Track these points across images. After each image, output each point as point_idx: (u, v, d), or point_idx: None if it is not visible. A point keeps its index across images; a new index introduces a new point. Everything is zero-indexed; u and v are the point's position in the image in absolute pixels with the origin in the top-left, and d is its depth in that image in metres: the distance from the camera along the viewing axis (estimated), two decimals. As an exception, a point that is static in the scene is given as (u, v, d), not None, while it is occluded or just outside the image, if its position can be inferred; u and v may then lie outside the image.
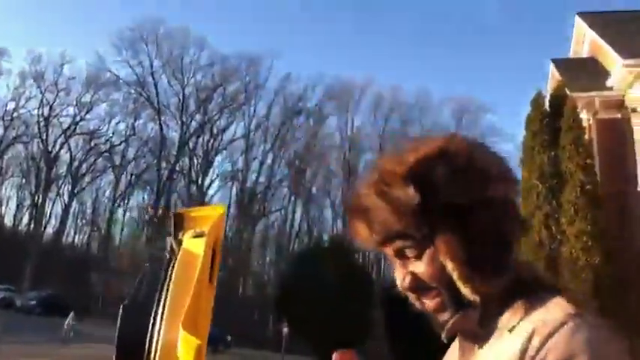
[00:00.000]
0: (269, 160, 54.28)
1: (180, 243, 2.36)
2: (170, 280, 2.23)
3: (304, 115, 55.18)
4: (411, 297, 1.00)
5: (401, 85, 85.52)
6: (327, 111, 55.90)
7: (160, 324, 2.10)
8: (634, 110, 11.94)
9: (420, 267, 0.97)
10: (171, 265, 2.29)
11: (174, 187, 53.00)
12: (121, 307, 2.19)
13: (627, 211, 11.83)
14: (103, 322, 23.36)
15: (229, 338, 28.67)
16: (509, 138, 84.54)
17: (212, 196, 55.05)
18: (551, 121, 12.27)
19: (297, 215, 54.83)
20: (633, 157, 11.89)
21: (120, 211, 54.28)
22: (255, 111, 54.69)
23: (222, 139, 54.54)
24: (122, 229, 54.50)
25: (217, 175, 55.36)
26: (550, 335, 0.87)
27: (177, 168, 52.92)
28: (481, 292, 0.94)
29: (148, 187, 54.03)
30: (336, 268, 31.71)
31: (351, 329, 31.61)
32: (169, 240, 2.41)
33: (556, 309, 0.91)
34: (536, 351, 0.87)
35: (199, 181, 53.25)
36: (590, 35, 14.97)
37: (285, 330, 17.33)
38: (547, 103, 12.53)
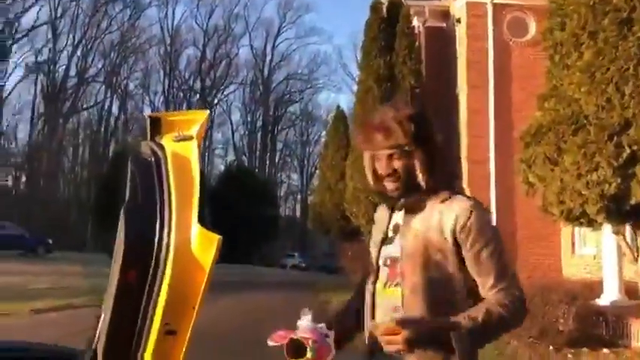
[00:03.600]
0: (79, 52, 49.70)
1: (161, 146, 2.37)
2: (167, 181, 2.26)
3: (120, 3, 50.73)
4: (384, 179, 1.79)
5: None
6: (145, 1, 52.05)
7: (170, 225, 2.14)
8: (458, 20, 13.13)
9: (401, 163, 1.76)
10: (162, 167, 2.30)
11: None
12: (123, 209, 2.18)
13: (449, 110, 13.30)
14: None
15: (50, 241, 27.20)
16: (326, 39, 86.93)
17: (12, 89, 49.38)
18: (387, 27, 13.05)
19: (114, 112, 51.90)
20: (455, 63, 13.24)
21: None
22: (60, -5, 48.76)
23: (19, 25, 48.20)
24: None
25: (16, 66, 49.29)
26: (470, 214, 1.71)
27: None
28: (428, 184, 1.76)
29: None
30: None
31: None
32: (147, 143, 2.39)
33: (467, 200, 1.76)
34: (462, 225, 1.70)
35: (-6, 72, 47.12)
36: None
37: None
38: (385, 10, 13.22)
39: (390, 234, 1.87)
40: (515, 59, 12.37)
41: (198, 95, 53.87)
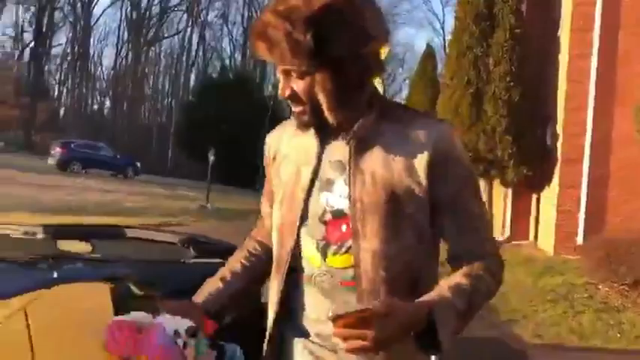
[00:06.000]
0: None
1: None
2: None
3: None
4: (289, 101, 1.24)
5: None
6: None
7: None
8: (565, -42, 12.45)
9: (300, 85, 1.20)
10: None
11: (57, 3, 48.15)
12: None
13: (549, 53, 12.86)
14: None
15: (138, 164, 28.64)
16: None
17: (99, 16, 50.95)
18: (489, -37, 12.57)
19: (194, 42, 52.70)
20: (559, 3, 12.67)
21: None
22: None
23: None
24: None
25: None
26: (452, 139, 1.25)
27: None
28: (337, 118, 1.23)
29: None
30: (243, 98, 31.81)
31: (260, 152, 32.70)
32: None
33: (440, 121, 1.31)
34: (444, 152, 1.22)
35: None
36: None
37: (212, 158, 17.69)
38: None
39: (329, 175, 1.27)
40: (626, 1, 11.70)
41: (276, 28, 53.72)
